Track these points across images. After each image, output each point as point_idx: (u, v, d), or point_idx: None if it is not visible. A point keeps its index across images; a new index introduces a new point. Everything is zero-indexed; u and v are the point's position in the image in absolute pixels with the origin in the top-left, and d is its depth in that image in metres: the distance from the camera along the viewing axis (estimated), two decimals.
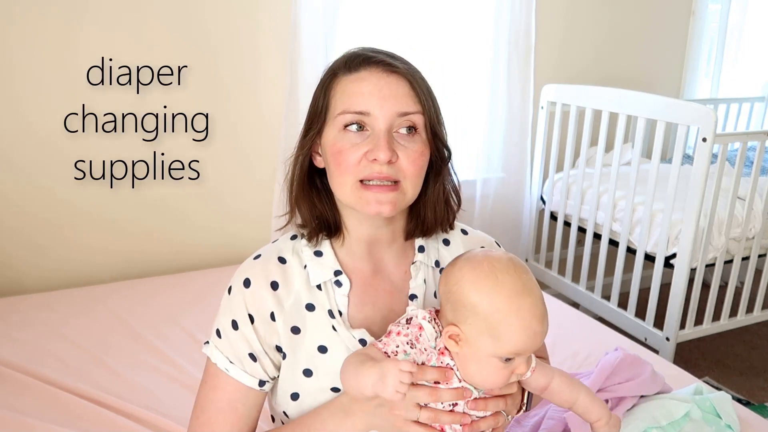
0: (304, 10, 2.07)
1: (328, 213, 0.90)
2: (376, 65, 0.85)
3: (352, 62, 0.87)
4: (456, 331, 0.78)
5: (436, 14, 2.38)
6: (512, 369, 0.78)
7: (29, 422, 1.32)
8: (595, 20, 2.79)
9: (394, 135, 0.84)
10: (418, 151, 0.84)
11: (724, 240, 2.19)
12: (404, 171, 0.83)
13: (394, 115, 0.83)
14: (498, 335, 0.76)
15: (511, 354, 0.77)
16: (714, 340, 2.74)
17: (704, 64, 3.15)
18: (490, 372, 0.78)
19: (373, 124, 0.83)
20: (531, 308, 0.77)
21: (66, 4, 1.85)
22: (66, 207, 2.00)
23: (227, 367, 0.88)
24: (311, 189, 0.91)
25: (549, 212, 2.71)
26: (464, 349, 0.78)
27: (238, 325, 0.88)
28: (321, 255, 0.91)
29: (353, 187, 0.83)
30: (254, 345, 0.88)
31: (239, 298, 0.89)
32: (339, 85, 0.86)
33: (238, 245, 2.25)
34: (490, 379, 0.79)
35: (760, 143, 2.14)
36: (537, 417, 1.31)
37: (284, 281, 0.89)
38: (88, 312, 1.82)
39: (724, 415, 1.32)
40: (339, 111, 0.84)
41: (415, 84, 0.85)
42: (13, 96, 1.86)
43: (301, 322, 0.88)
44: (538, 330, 0.77)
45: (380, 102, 0.82)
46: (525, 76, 2.55)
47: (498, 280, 0.77)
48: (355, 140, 0.83)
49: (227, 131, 2.16)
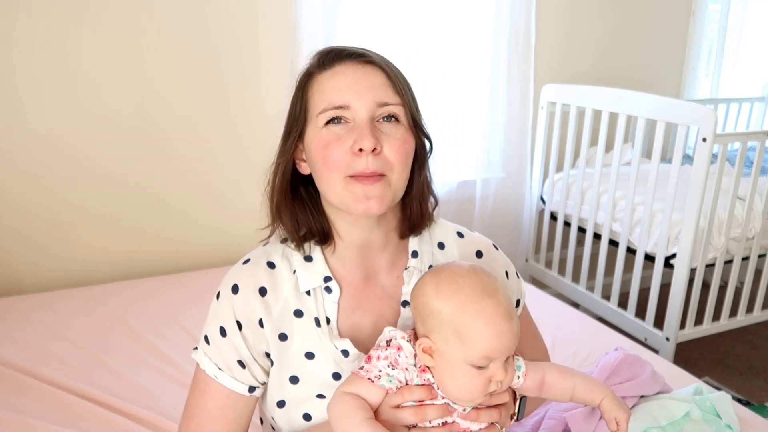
0: (304, 10, 2.07)
1: (315, 222, 0.88)
2: (349, 58, 0.84)
3: (325, 58, 0.85)
4: (428, 342, 0.77)
5: (436, 14, 2.38)
6: (488, 377, 0.75)
7: (29, 422, 1.32)
8: (595, 20, 2.79)
9: (376, 124, 0.82)
10: (401, 138, 0.82)
11: (724, 240, 2.19)
12: (390, 162, 0.81)
13: (374, 105, 0.81)
14: (465, 339, 0.74)
15: (482, 359, 0.74)
16: (714, 340, 2.74)
17: (704, 64, 3.15)
18: (465, 382, 0.75)
19: (354, 116, 0.81)
20: (494, 307, 0.75)
21: (67, 4, 1.85)
22: (66, 207, 2.00)
23: (216, 374, 0.87)
24: (294, 199, 0.89)
25: (549, 212, 2.71)
26: (438, 361, 0.76)
27: (226, 332, 0.87)
28: (311, 260, 0.89)
29: (342, 183, 0.81)
30: (243, 352, 0.86)
31: (227, 305, 0.87)
32: (315, 84, 0.85)
33: (238, 245, 2.25)
34: (467, 390, 0.76)
35: (760, 143, 2.14)
36: (537, 417, 1.31)
37: (273, 287, 0.87)
38: (88, 312, 1.82)
39: (723, 415, 1.32)
40: (319, 110, 0.82)
41: (391, 74, 0.84)
42: (13, 95, 1.87)
43: (288, 329, 0.87)
44: (505, 328, 0.74)
45: (358, 94, 0.81)
46: (525, 76, 2.55)
47: (458, 284, 0.77)
48: (339, 132, 0.81)
49: (227, 131, 2.17)
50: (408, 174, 0.85)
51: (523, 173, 2.66)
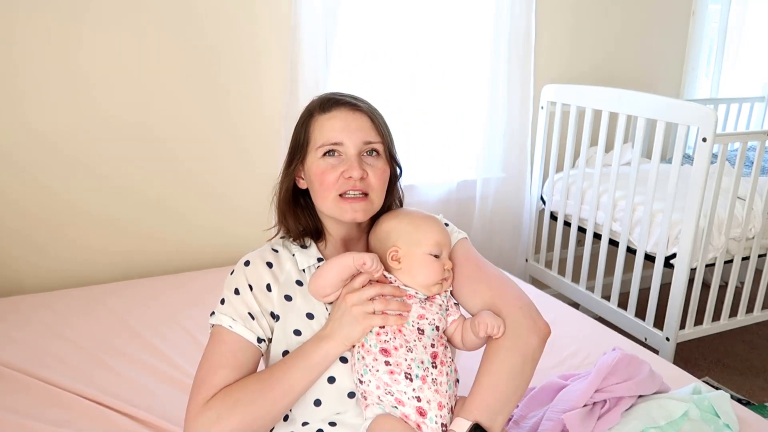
0: (304, 11, 2.07)
1: (311, 224, 1.13)
2: (344, 105, 1.08)
3: (325, 104, 1.09)
4: (395, 249, 1.05)
5: (436, 15, 2.38)
6: (442, 264, 1.04)
7: (29, 422, 1.32)
8: (595, 20, 2.79)
9: (362, 157, 1.07)
10: (381, 168, 1.09)
11: (724, 240, 2.19)
12: (372, 185, 1.07)
13: (360, 143, 1.06)
14: (422, 236, 1.05)
15: (435, 246, 1.04)
16: (714, 340, 2.74)
17: (704, 64, 3.15)
18: (427, 270, 1.03)
19: (345, 151, 1.06)
20: (432, 217, 1.10)
21: (67, 4, 1.86)
22: (66, 207, 2.00)
23: (231, 324, 1.03)
24: (296, 206, 1.13)
25: (549, 212, 2.71)
26: (404, 262, 1.04)
27: (239, 292, 1.06)
28: (306, 248, 1.13)
29: (334, 201, 1.06)
30: (253, 307, 1.05)
31: (240, 274, 1.08)
32: (316, 123, 1.09)
33: (237, 245, 2.25)
34: (430, 275, 1.03)
35: (760, 143, 2.14)
36: (535, 419, 1.32)
37: (277, 263, 1.10)
38: (88, 312, 1.82)
39: (722, 415, 1.32)
40: (318, 144, 1.07)
41: (374, 119, 1.09)
42: (14, 96, 1.87)
43: (292, 292, 1.08)
44: (444, 230, 1.08)
45: (349, 134, 1.06)
46: (525, 76, 2.55)
47: (406, 210, 1.13)
48: (333, 162, 1.06)
49: (228, 131, 2.17)
50: (384, 194, 1.11)
51: (523, 173, 2.66)
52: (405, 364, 0.98)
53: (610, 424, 1.28)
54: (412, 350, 0.99)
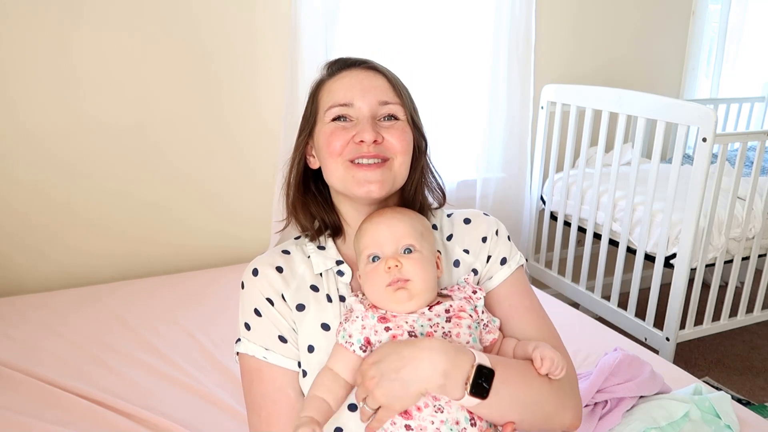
0: (303, 11, 2.07)
1: (326, 215, 0.96)
2: (354, 65, 0.94)
3: (333, 67, 0.96)
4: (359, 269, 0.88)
5: (436, 15, 2.38)
6: (382, 267, 0.83)
7: (27, 421, 1.32)
8: (595, 20, 2.79)
9: (377, 122, 0.90)
10: (401, 129, 0.90)
11: (724, 240, 2.18)
12: (392, 148, 0.89)
13: (375, 103, 0.90)
14: (360, 245, 0.87)
15: (367, 247, 0.85)
16: (714, 340, 2.74)
17: (704, 64, 3.15)
18: (369, 280, 0.85)
19: (357, 114, 0.90)
20: (379, 214, 0.88)
21: (62, 6, 1.85)
22: (64, 209, 2.00)
23: (265, 356, 0.89)
24: (307, 193, 0.98)
25: (549, 212, 2.71)
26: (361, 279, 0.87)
27: (261, 312, 0.91)
28: (324, 249, 0.97)
29: (345, 168, 0.89)
30: (280, 326, 0.90)
31: (252, 288, 0.93)
32: (324, 88, 0.94)
33: (235, 247, 2.25)
34: (373, 285, 0.84)
35: (760, 143, 2.14)
36: None
37: (288, 267, 0.94)
38: (87, 311, 1.82)
39: (723, 415, 1.32)
40: (326, 107, 0.91)
41: (391, 78, 0.93)
42: (10, 98, 1.86)
43: (305, 300, 0.92)
44: (382, 222, 0.86)
45: (362, 93, 0.90)
46: (525, 76, 2.55)
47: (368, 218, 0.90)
48: (344, 125, 0.90)
49: (225, 133, 2.16)
50: (409, 162, 0.92)
51: (523, 173, 2.66)
52: (432, 428, 0.75)
53: (611, 425, 1.27)
54: (443, 409, 0.75)
